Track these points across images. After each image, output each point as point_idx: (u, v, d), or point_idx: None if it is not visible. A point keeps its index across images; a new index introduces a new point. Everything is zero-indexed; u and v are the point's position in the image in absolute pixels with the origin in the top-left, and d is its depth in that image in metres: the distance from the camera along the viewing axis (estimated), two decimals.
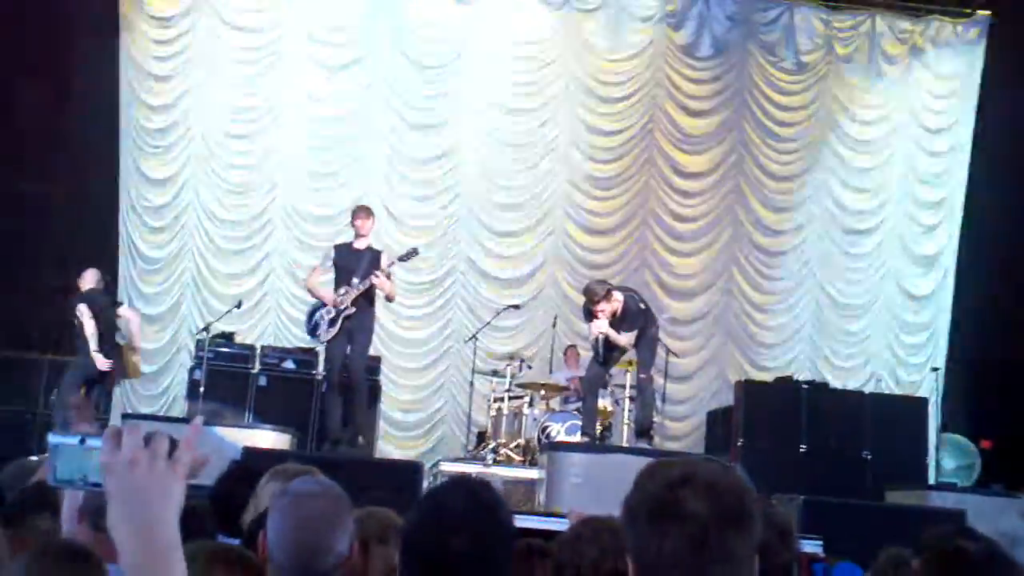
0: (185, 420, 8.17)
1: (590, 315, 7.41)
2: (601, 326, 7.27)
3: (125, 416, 8.36)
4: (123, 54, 10.36)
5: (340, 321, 7.45)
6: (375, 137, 10.79)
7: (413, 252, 7.90)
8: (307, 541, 1.92)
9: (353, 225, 7.55)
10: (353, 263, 7.45)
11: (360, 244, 7.53)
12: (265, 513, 2.78)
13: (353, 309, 7.46)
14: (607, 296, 7.33)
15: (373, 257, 7.52)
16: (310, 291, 7.77)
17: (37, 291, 9.80)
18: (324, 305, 7.50)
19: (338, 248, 7.64)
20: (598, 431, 8.50)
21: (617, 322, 7.32)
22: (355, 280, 7.43)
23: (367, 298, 7.51)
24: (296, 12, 10.77)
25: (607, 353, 7.54)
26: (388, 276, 7.45)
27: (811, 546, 5.93)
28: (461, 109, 10.92)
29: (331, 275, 7.55)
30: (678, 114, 11.18)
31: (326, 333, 7.47)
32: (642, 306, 7.50)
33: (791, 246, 11.26)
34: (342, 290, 7.45)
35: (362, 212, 7.56)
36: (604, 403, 8.62)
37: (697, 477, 1.41)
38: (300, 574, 1.89)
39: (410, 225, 10.76)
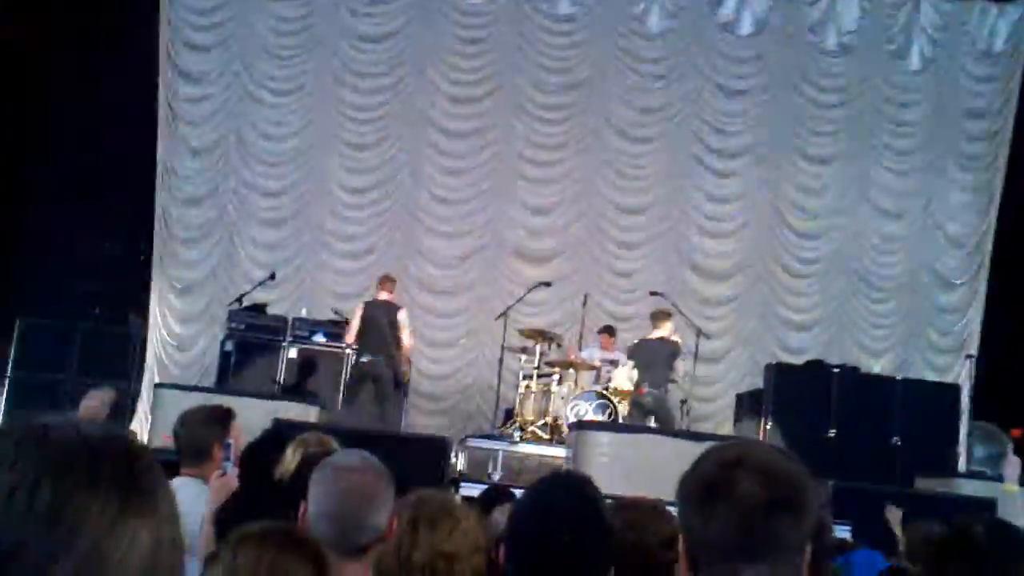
0: (215, 390, 8.27)
1: None
2: None
3: (158, 386, 8.45)
4: (162, 23, 10.39)
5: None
6: (410, 109, 10.77)
7: None
8: (347, 514, 1.93)
9: (381, 292, 8.42)
10: (381, 316, 8.25)
11: (382, 298, 8.41)
12: (299, 471, 2.92)
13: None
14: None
15: (393, 310, 8.34)
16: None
17: (72, 260, 9.92)
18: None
19: (367, 305, 8.41)
20: (618, 404, 8.55)
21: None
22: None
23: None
24: None
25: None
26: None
27: (840, 531, 5.91)
28: (496, 85, 10.87)
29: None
30: (715, 93, 11.04)
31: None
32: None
33: (824, 228, 11.13)
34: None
35: (388, 282, 8.48)
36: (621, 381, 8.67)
37: (752, 460, 1.38)
38: (340, 546, 1.90)
39: (442, 198, 10.76)
